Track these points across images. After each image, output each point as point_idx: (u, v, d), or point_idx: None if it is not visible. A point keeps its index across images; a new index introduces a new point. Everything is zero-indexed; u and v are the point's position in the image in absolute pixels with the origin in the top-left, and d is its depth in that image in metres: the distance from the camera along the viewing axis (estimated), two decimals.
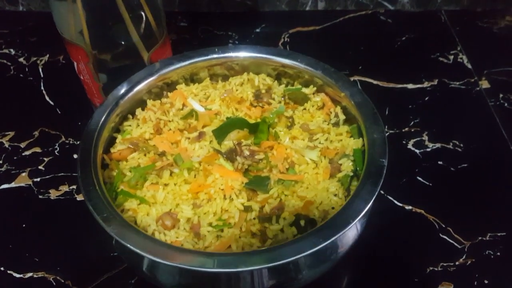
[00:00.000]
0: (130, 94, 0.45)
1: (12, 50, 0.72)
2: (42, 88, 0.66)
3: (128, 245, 0.33)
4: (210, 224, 0.37)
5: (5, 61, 0.71)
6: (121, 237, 0.33)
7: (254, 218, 0.38)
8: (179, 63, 0.48)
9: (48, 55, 0.71)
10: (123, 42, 0.48)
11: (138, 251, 0.32)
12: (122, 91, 0.45)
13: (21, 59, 0.71)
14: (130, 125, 0.45)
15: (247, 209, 0.38)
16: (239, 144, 0.41)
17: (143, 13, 0.47)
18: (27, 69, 0.69)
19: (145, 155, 0.43)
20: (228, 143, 0.43)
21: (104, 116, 0.42)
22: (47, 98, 0.64)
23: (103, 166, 0.42)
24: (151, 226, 0.37)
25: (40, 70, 0.69)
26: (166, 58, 0.49)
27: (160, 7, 0.49)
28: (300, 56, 0.49)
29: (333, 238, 0.33)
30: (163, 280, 0.37)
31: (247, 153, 0.41)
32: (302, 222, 0.37)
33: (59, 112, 0.62)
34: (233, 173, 0.40)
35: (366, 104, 0.43)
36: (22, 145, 0.57)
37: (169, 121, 0.46)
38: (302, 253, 0.32)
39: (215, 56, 0.49)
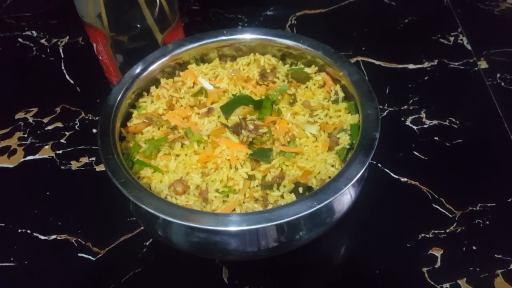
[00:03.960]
0: (145, 73, 0.49)
1: (34, 32, 0.76)
2: (63, 67, 0.69)
3: (144, 206, 0.37)
4: (217, 190, 0.41)
5: (27, 43, 0.74)
6: (137, 199, 0.37)
7: (257, 186, 0.41)
8: (190, 44, 0.52)
9: (68, 37, 0.75)
10: (138, 25, 0.51)
11: (153, 211, 0.36)
12: (138, 70, 0.49)
13: (42, 41, 0.75)
14: (145, 102, 0.49)
15: (251, 177, 0.42)
16: (244, 119, 0.45)
17: None
18: (48, 50, 0.73)
19: (158, 128, 0.47)
20: (235, 118, 0.47)
21: (121, 93, 0.46)
22: (67, 77, 0.68)
23: (120, 138, 0.45)
24: (164, 192, 0.41)
25: (61, 51, 0.72)
26: (178, 40, 0.52)
27: None
28: (303, 38, 0.51)
29: (326, 202, 0.36)
30: (175, 240, 0.41)
31: (251, 127, 0.45)
32: (301, 189, 0.41)
33: (79, 90, 0.66)
34: (238, 145, 0.44)
35: (362, 82, 0.46)
36: (45, 120, 0.61)
37: (181, 98, 0.49)
38: (298, 214, 0.36)
39: (223, 38, 0.52)
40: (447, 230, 0.49)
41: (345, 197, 0.41)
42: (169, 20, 0.53)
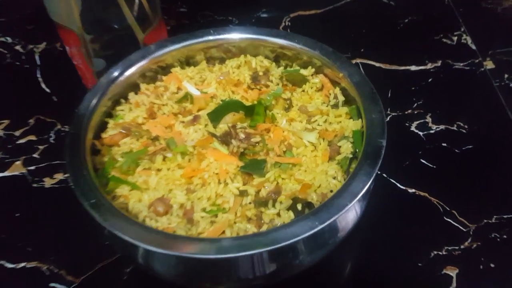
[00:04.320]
0: (122, 78, 0.44)
1: (9, 38, 0.71)
2: (39, 75, 0.65)
3: (118, 233, 0.32)
4: (204, 210, 0.36)
5: (1, 49, 0.70)
6: (110, 224, 0.32)
7: (249, 203, 0.37)
8: (173, 45, 0.47)
9: (45, 43, 0.70)
10: (116, 25, 0.47)
11: (127, 238, 0.31)
12: (114, 74, 0.44)
13: (17, 47, 0.70)
14: (122, 110, 0.44)
15: (243, 193, 0.37)
16: (234, 127, 0.40)
17: None
18: (23, 57, 0.68)
19: (137, 140, 0.42)
20: (223, 126, 0.42)
21: (94, 101, 0.41)
22: (43, 86, 0.63)
23: (95, 152, 0.41)
24: (143, 213, 0.36)
25: (37, 57, 0.68)
26: (160, 41, 0.47)
27: None
28: (298, 37, 0.47)
29: (329, 221, 0.31)
30: (156, 269, 0.36)
31: (242, 136, 0.40)
32: (299, 206, 0.36)
33: (55, 100, 0.61)
34: (228, 157, 0.39)
35: (365, 84, 0.41)
36: (17, 133, 0.57)
37: (163, 105, 0.45)
38: (297, 237, 0.31)
39: (210, 38, 0.48)
40: (462, 246, 0.44)
41: (350, 214, 0.36)
42: (150, 20, 0.49)
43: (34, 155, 0.54)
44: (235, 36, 0.48)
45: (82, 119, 0.39)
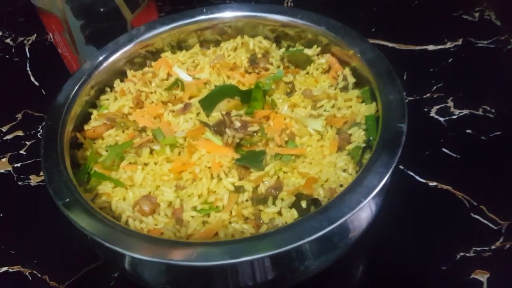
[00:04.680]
0: (106, 64, 0.40)
1: None
2: (28, 68, 0.62)
3: (96, 237, 0.28)
4: (194, 208, 0.33)
5: None
6: (85, 226, 0.28)
7: (246, 200, 0.33)
8: (162, 26, 0.43)
9: (35, 35, 0.67)
10: (102, 8, 0.42)
11: (106, 243, 0.27)
12: (98, 60, 0.40)
13: (7, 40, 0.68)
14: (107, 99, 0.40)
15: (238, 189, 0.33)
16: (228, 114, 0.36)
17: None
18: (13, 50, 0.66)
19: (123, 131, 0.38)
20: (217, 114, 0.38)
21: (74, 89, 0.37)
22: (32, 79, 0.61)
23: (77, 145, 0.37)
24: (126, 212, 0.32)
25: (27, 50, 0.65)
26: (149, 22, 0.43)
27: None
28: (301, 12, 0.43)
29: (340, 221, 0.27)
30: (142, 276, 0.32)
31: (238, 124, 0.36)
32: (304, 203, 0.32)
33: (44, 93, 0.58)
34: (222, 149, 0.35)
35: (380, 60, 0.36)
36: (4, 128, 0.54)
37: (151, 92, 0.41)
38: (302, 240, 0.27)
39: (203, 17, 0.44)
40: (493, 247, 0.40)
41: (364, 212, 0.31)
42: (138, 0, 0.44)
43: (21, 152, 0.51)
44: (230, 14, 0.44)
45: (61, 109, 0.36)
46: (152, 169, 0.35)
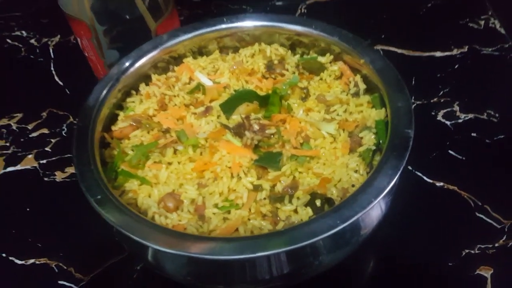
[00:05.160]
0: (132, 69, 0.42)
1: (24, 32, 0.72)
2: (52, 68, 0.65)
3: (124, 231, 0.30)
4: (216, 206, 0.34)
5: (16, 43, 0.70)
6: (117, 221, 0.31)
7: (264, 198, 0.35)
8: (185, 34, 0.45)
9: (59, 36, 0.70)
10: (127, 16, 0.45)
11: (134, 237, 0.30)
12: (125, 65, 0.42)
13: (32, 41, 0.70)
14: (133, 101, 0.43)
15: (257, 188, 0.35)
16: (247, 118, 0.38)
17: None
18: (37, 50, 0.68)
19: (148, 132, 0.40)
20: (237, 117, 0.40)
21: (104, 92, 0.40)
22: (56, 79, 0.63)
23: (105, 145, 0.39)
24: (152, 208, 0.34)
25: (51, 51, 0.68)
26: (172, 30, 0.46)
27: None
28: (315, 23, 0.45)
29: (352, 219, 0.29)
30: (166, 269, 0.34)
31: (256, 127, 0.38)
32: (318, 202, 0.34)
33: (68, 92, 0.61)
34: (241, 150, 0.37)
35: (389, 70, 0.38)
36: (30, 126, 0.56)
37: (175, 96, 0.43)
38: (317, 236, 0.29)
39: (223, 26, 0.46)
40: (496, 244, 0.41)
41: (375, 211, 0.34)
42: (162, 9, 0.47)
43: (46, 149, 0.54)
44: (249, 24, 0.46)
45: (91, 111, 0.38)
46: (176, 168, 0.37)
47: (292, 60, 0.46)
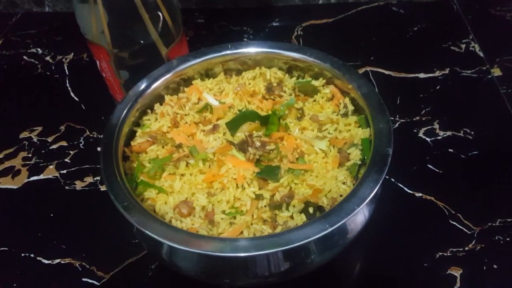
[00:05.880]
0: (149, 91, 0.48)
1: (39, 49, 0.76)
2: (68, 85, 0.69)
3: (147, 232, 0.35)
4: (223, 212, 0.39)
5: (33, 60, 0.74)
6: (140, 224, 0.36)
7: (265, 206, 0.40)
8: (194, 59, 0.50)
9: (72, 53, 0.74)
10: (142, 41, 0.50)
11: (156, 237, 0.35)
12: (142, 87, 0.47)
13: (47, 58, 0.75)
14: (149, 119, 0.48)
15: (259, 197, 0.40)
16: (250, 136, 0.44)
17: (160, 13, 0.49)
18: (53, 67, 0.73)
19: (163, 147, 0.45)
20: (241, 134, 0.45)
21: (124, 112, 0.45)
22: (72, 94, 0.67)
23: (124, 158, 0.44)
24: (169, 214, 0.40)
25: (66, 68, 0.72)
26: (183, 56, 0.51)
27: (176, 7, 0.51)
28: (310, 50, 0.50)
29: (339, 224, 0.34)
30: (180, 265, 0.39)
31: (258, 144, 0.43)
32: (311, 210, 0.39)
33: (84, 108, 0.65)
34: (245, 163, 0.42)
35: (373, 95, 0.44)
36: (50, 139, 0.61)
37: (185, 114, 0.48)
38: (309, 238, 0.34)
39: (228, 52, 0.51)
40: (466, 248, 0.46)
41: (359, 217, 0.39)
42: (173, 35, 0.52)
43: (66, 160, 0.58)
44: (251, 50, 0.51)
45: (114, 129, 0.43)
46: (188, 179, 0.42)
47: (289, 82, 0.51)
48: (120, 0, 0.47)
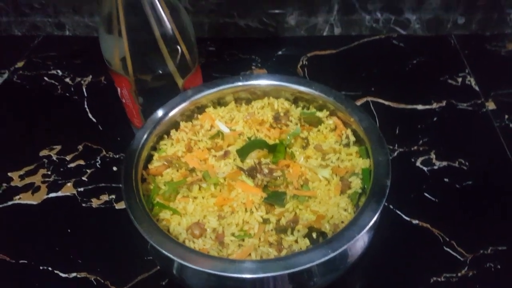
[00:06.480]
0: (166, 118, 0.52)
1: (59, 71, 0.81)
2: (86, 106, 0.73)
3: (163, 251, 0.39)
4: (233, 234, 0.42)
5: (53, 81, 0.79)
6: (159, 245, 0.39)
7: (271, 230, 0.42)
8: (208, 90, 0.55)
9: (90, 76, 0.78)
10: (160, 71, 0.54)
11: (173, 257, 0.38)
12: (159, 115, 0.51)
13: (67, 79, 0.79)
14: (165, 144, 0.52)
15: (266, 221, 0.43)
16: (259, 163, 0.47)
17: (179, 47, 0.53)
18: (72, 89, 0.76)
19: (177, 170, 0.49)
20: (250, 161, 0.49)
21: (144, 138, 0.49)
22: (89, 115, 0.71)
23: (142, 180, 0.48)
24: (182, 235, 0.43)
25: (84, 89, 0.76)
26: (198, 86, 0.55)
27: (193, 41, 0.55)
28: (315, 84, 0.54)
29: (340, 250, 0.37)
30: (191, 283, 0.42)
31: (266, 171, 0.47)
32: (314, 235, 0.42)
33: (101, 129, 0.69)
34: (253, 189, 0.46)
35: (373, 129, 0.48)
36: (68, 157, 0.64)
37: (199, 140, 0.52)
38: (313, 262, 0.37)
39: (239, 84, 0.55)
40: (459, 274, 0.49)
41: (358, 243, 0.42)
42: (190, 67, 0.57)
43: (83, 178, 0.61)
44: (260, 82, 0.55)
45: (134, 153, 0.47)
46: (201, 202, 0.45)
47: (295, 112, 0.55)
48: (142, 34, 0.51)
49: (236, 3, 0.81)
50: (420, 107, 0.69)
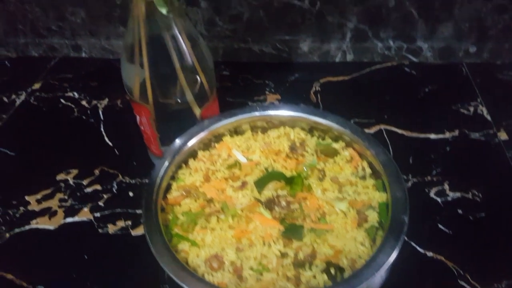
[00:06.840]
0: (185, 148, 0.53)
1: (75, 93, 0.82)
2: (102, 129, 0.74)
3: (183, 285, 0.39)
4: (251, 268, 0.43)
5: (69, 103, 0.80)
6: (177, 277, 0.40)
7: (289, 264, 0.43)
8: (226, 119, 0.56)
9: (107, 99, 0.80)
10: (179, 100, 0.56)
11: None
12: (178, 145, 0.52)
13: (83, 102, 0.80)
14: (184, 174, 0.53)
15: (283, 255, 0.44)
16: (277, 196, 0.48)
17: (198, 77, 0.54)
18: (88, 112, 0.78)
19: (195, 200, 0.50)
20: (267, 192, 0.49)
21: (164, 168, 0.50)
22: (106, 140, 0.72)
23: (160, 209, 0.49)
24: (201, 267, 0.43)
25: (100, 113, 0.77)
26: (215, 116, 0.56)
27: (212, 72, 0.57)
28: (330, 115, 0.55)
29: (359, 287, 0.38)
30: None
31: (284, 203, 0.47)
32: (332, 270, 0.42)
33: (117, 153, 0.70)
34: (271, 221, 0.46)
35: (390, 163, 0.48)
36: (85, 182, 0.65)
37: (217, 170, 0.53)
38: None
39: (256, 114, 0.57)
40: None
41: (376, 279, 0.43)
42: (207, 95, 0.58)
43: (99, 203, 0.62)
44: (277, 112, 0.56)
45: (154, 184, 0.48)
46: (219, 234, 0.45)
47: (310, 142, 0.56)
48: (163, 64, 0.53)
49: (251, 29, 0.83)
50: (433, 136, 0.70)
